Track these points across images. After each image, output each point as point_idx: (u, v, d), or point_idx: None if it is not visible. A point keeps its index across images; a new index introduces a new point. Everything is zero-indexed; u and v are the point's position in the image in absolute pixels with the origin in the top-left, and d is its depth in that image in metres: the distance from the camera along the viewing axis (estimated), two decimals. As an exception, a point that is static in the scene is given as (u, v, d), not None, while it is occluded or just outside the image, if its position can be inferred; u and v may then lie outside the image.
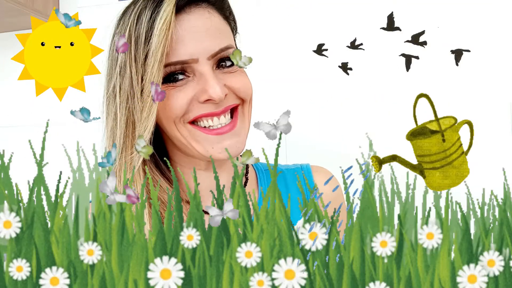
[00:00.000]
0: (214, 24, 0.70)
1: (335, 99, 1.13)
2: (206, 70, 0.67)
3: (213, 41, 0.68)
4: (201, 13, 0.70)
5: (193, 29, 0.68)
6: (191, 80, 0.68)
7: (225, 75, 0.70)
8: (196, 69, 0.68)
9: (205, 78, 0.67)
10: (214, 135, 0.69)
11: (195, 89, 0.68)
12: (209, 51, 0.68)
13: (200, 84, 0.68)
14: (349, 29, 1.09)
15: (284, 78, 1.14)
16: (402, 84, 0.99)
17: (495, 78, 1.04)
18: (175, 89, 0.68)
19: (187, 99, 0.68)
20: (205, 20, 0.69)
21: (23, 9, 1.22)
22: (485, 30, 1.05)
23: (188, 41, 0.67)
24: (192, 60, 0.67)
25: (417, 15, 1.06)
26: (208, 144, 0.69)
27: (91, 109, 0.43)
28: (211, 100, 0.67)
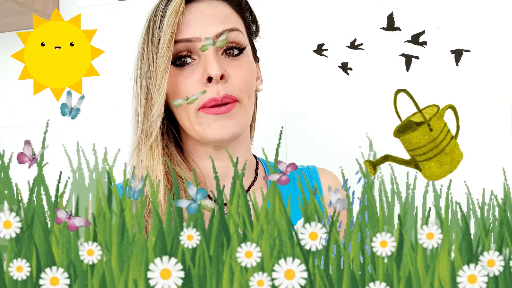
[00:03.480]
0: (221, 11, 0.75)
1: (335, 99, 1.13)
2: (209, 51, 0.71)
3: (218, 24, 0.73)
4: (210, 2, 0.75)
5: (200, 13, 0.73)
6: (196, 63, 0.73)
7: (230, 62, 0.73)
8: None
9: (205, 57, 0.71)
10: (213, 114, 0.72)
11: (199, 71, 0.72)
12: (212, 32, 0.72)
13: (202, 64, 0.72)
14: (349, 29, 1.09)
15: (284, 78, 1.14)
16: (402, 84, 0.98)
17: (495, 78, 1.04)
18: (183, 74, 0.72)
19: (194, 84, 0.72)
20: (213, 7, 0.75)
21: (23, 9, 1.22)
22: (485, 30, 1.05)
23: (194, 22, 0.73)
24: (196, 39, 0.72)
25: (417, 15, 1.06)
26: (206, 123, 0.73)
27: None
28: (212, 79, 0.70)
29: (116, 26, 1.24)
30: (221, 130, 0.72)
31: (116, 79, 0.91)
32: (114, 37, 1.18)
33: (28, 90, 0.44)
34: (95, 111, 1.18)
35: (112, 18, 1.27)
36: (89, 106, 1.19)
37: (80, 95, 0.42)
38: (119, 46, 0.93)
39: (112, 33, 1.21)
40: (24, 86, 1.29)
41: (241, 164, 0.74)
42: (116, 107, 0.89)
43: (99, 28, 0.50)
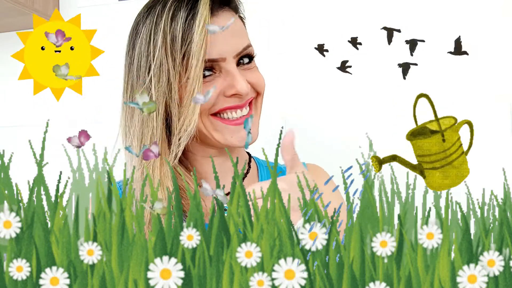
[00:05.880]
0: (237, 25, 0.78)
1: (335, 99, 1.13)
2: (232, 67, 0.74)
3: (238, 41, 0.76)
4: (227, 16, 0.77)
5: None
6: (217, 76, 0.75)
7: (245, 71, 0.77)
8: (223, 66, 0.74)
9: (232, 75, 0.74)
10: (233, 125, 0.76)
11: (222, 85, 0.75)
12: (235, 50, 0.75)
13: (227, 80, 0.75)
14: (349, 29, 1.09)
15: (284, 79, 1.14)
16: (402, 84, 0.99)
17: (495, 78, 1.04)
18: (205, 84, 0.74)
19: (215, 93, 0.74)
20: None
21: (23, 9, 1.22)
22: (485, 30, 1.05)
23: (218, 41, 0.73)
24: (221, 59, 0.74)
25: (417, 15, 1.06)
26: (228, 134, 0.76)
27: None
28: (237, 95, 0.75)
29: (116, 26, 1.24)
30: (243, 140, 0.77)
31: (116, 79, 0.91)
32: (114, 37, 1.18)
33: (28, 90, 0.44)
34: (95, 111, 1.18)
35: (112, 18, 1.27)
36: (89, 106, 1.19)
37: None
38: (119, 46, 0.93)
39: (112, 33, 1.21)
40: (24, 86, 1.29)
41: (241, 163, 0.76)
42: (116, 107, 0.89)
43: (99, 28, 0.50)
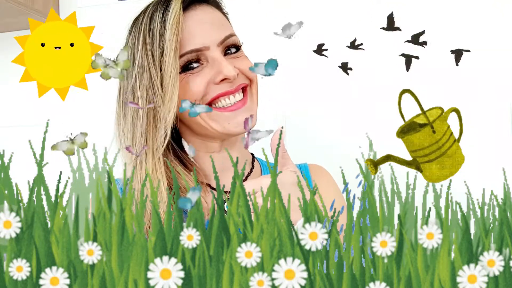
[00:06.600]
0: (217, 17, 0.81)
1: (335, 99, 1.13)
2: (217, 55, 0.77)
3: (219, 31, 0.79)
4: (205, 9, 0.81)
5: (200, 21, 0.79)
6: (205, 66, 0.78)
7: (233, 60, 0.79)
8: (208, 55, 0.77)
9: (218, 62, 0.77)
10: (229, 111, 0.78)
11: (210, 73, 0.77)
12: (217, 39, 0.78)
13: (214, 68, 0.77)
14: (349, 29, 1.09)
15: (284, 78, 1.14)
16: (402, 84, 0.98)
17: (495, 79, 1.04)
18: (193, 75, 0.77)
19: (205, 82, 0.77)
20: (210, 14, 0.81)
21: (23, 9, 1.21)
22: (485, 30, 1.05)
23: (198, 31, 0.78)
24: (204, 48, 0.77)
25: (417, 15, 1.06)
26: (225, 121, 0.78)
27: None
28: (226, 80, 0.77)
29: (116, 26, 1.24)
30: (241, 125, 0.78)
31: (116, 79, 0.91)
32: (114, 37, 1.18)
33: (28, 90, 0.44)
34: (95, 111, 1.18)
35: (112, 18, 1.27)
36: (89, 106, 1.19)
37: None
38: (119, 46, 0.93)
39: (112, 33, 1.20)
40: (24, 86, 1.29)
41: (242, 162, 0.77)
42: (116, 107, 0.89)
43: (99, 28, 0.50)
